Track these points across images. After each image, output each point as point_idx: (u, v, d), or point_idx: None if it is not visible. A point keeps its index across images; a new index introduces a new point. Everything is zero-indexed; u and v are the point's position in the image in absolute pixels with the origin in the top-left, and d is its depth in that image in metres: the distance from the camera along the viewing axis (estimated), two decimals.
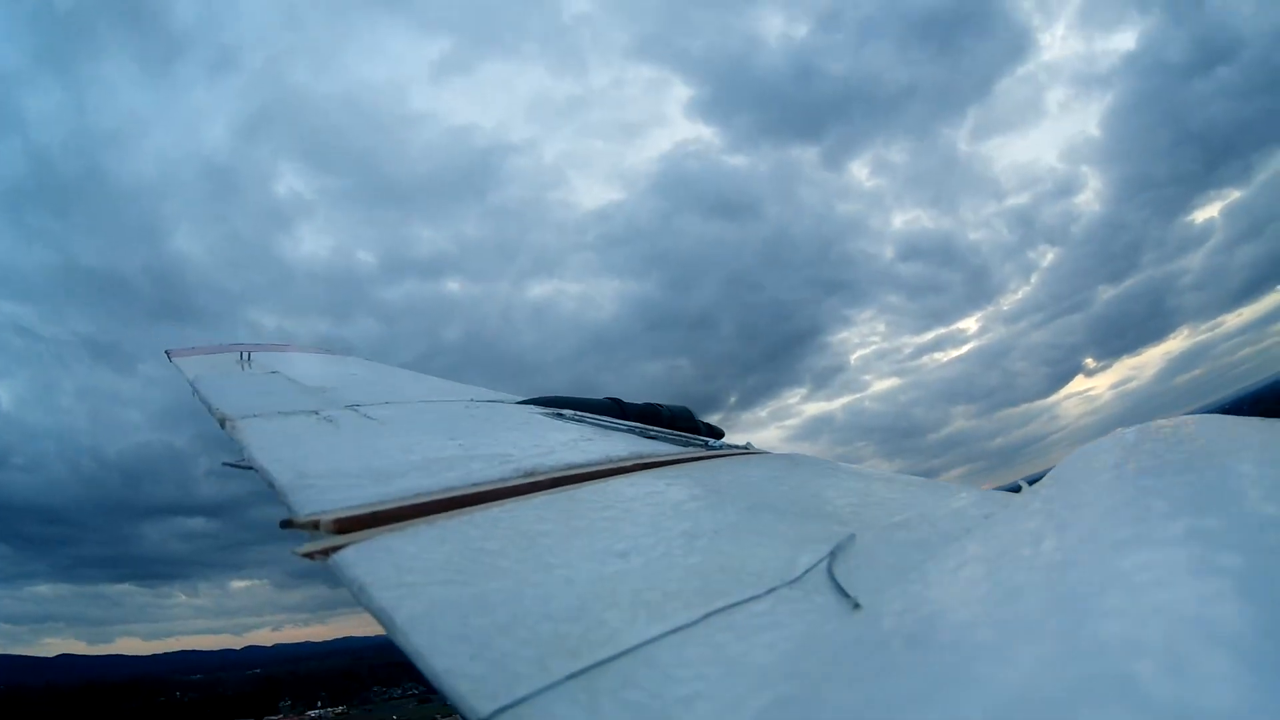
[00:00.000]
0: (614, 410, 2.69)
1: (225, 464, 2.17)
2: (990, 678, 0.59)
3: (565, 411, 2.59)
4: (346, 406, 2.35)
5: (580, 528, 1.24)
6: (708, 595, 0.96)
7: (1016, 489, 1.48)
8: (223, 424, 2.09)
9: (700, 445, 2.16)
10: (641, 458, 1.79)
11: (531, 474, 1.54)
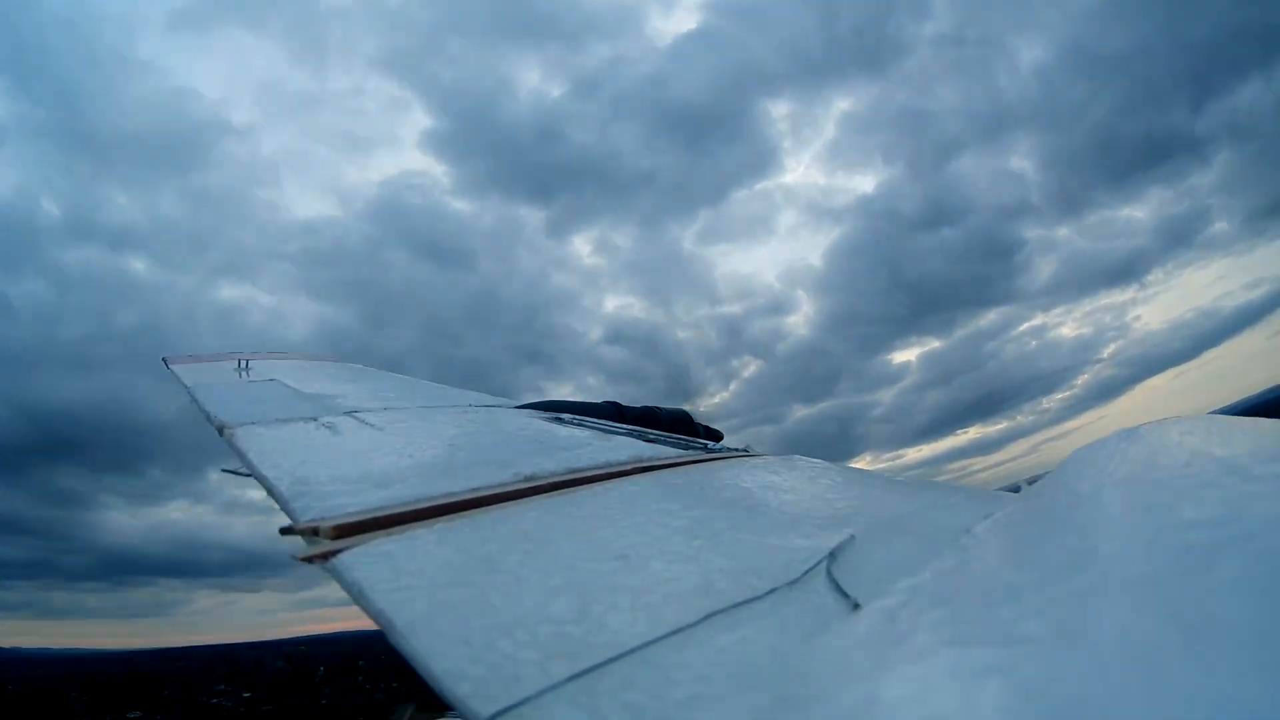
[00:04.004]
0: (613, 414, 2.69)
1: (224, 471, 2.17)
2: (989, 679, 0.59)
3: (564, 416, 2.59)
4: (345, 413, 2.35)
5: (580, 531, 1.23)
6: (707, 597, 0.96)
7: (1016, 489, 1.48)
8: (221, 432, 2.08)
9: (699, 448, 2.16)
10: (641, 461, 1.79)
11: (531, 478, 1.54)
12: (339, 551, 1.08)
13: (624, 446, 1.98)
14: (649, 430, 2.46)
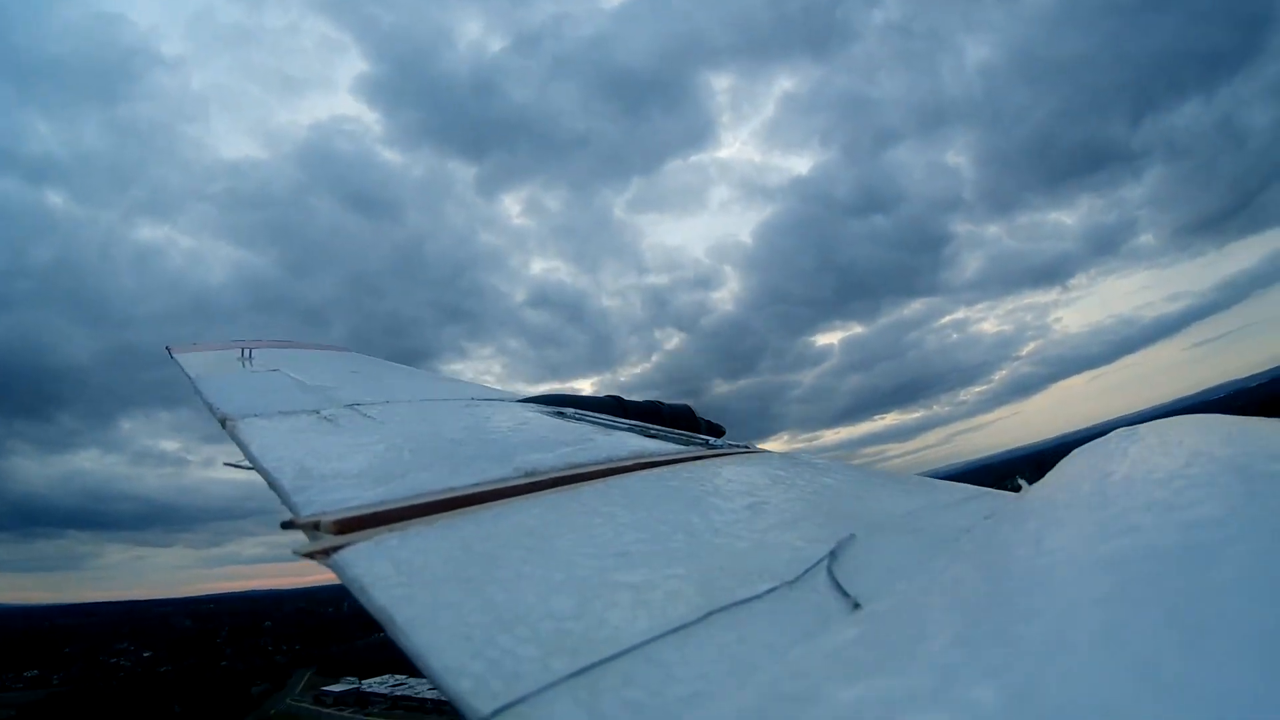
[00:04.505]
0: (615, 409, 2.69)
1: (226, 464, 2.17)
2: (990, 678, 0.60)
3: (566, 410, 2.59)
4: (347, 405, 2.35)
5: (581, 527, 1.24)
6: (708, 594, 0.96)
7: (1017, 489, 1.48)
8: (223, 424, 2.09)
9: (701, 444, 2.16)
10: (643, 457, 1.79)
11: (533, 473, 1.54)
12: (341, 547, 1.08)
13: (626, 442, 1.98)
14: (651, 425, 2.46)
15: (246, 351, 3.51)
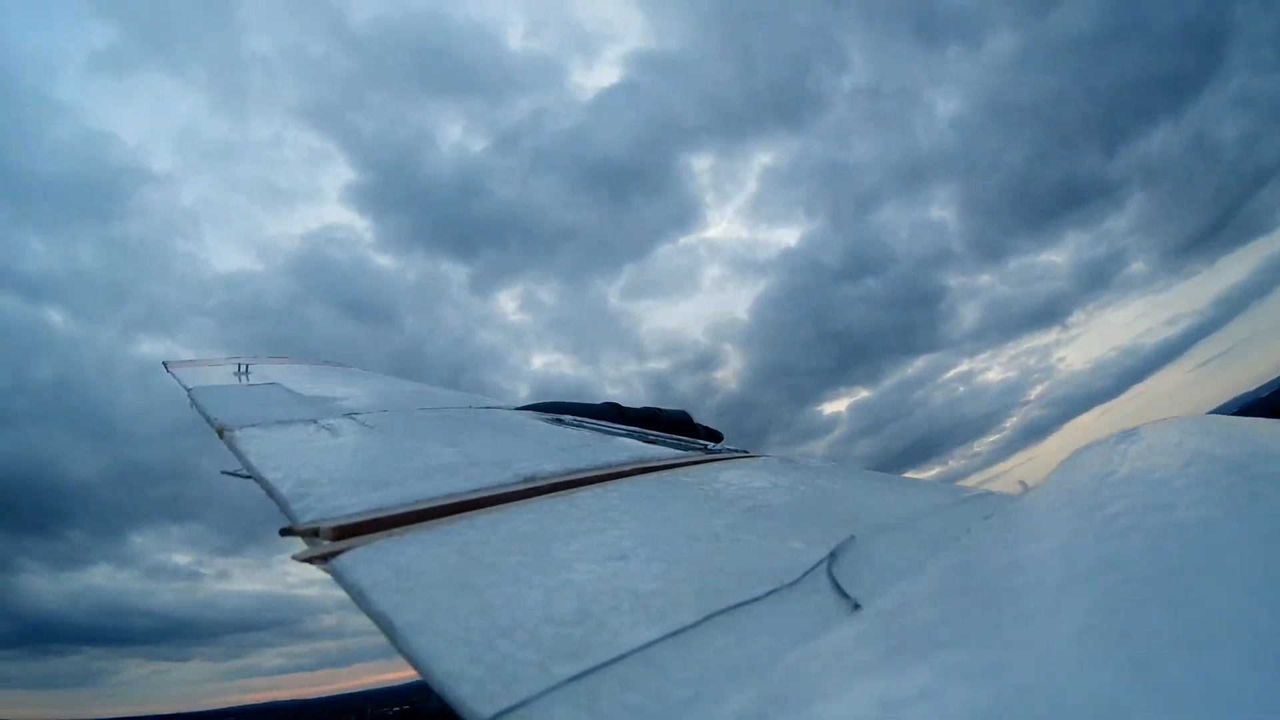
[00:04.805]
0: (613, 415, 2.69)
1: (224, 473, 2.17)
2: (990, 679, 0.59)
3: (564, 417, 2.59)
4: (344, 415, 2.35)
5: (580, 531, 1.23)
6: (708, 597, 0.96)
7: (1016, 489, 1.48)
8: (221, 434, 2.09)
9: (699, 449, 2.16)
10: (641, 462, 1.79)
11: (531, 479, 1.54)
12: (339, 553, 1.08)
13: (624, 447, 1.98)
14: (649, 431, 2.45)
15: (243, 366, 3.51)
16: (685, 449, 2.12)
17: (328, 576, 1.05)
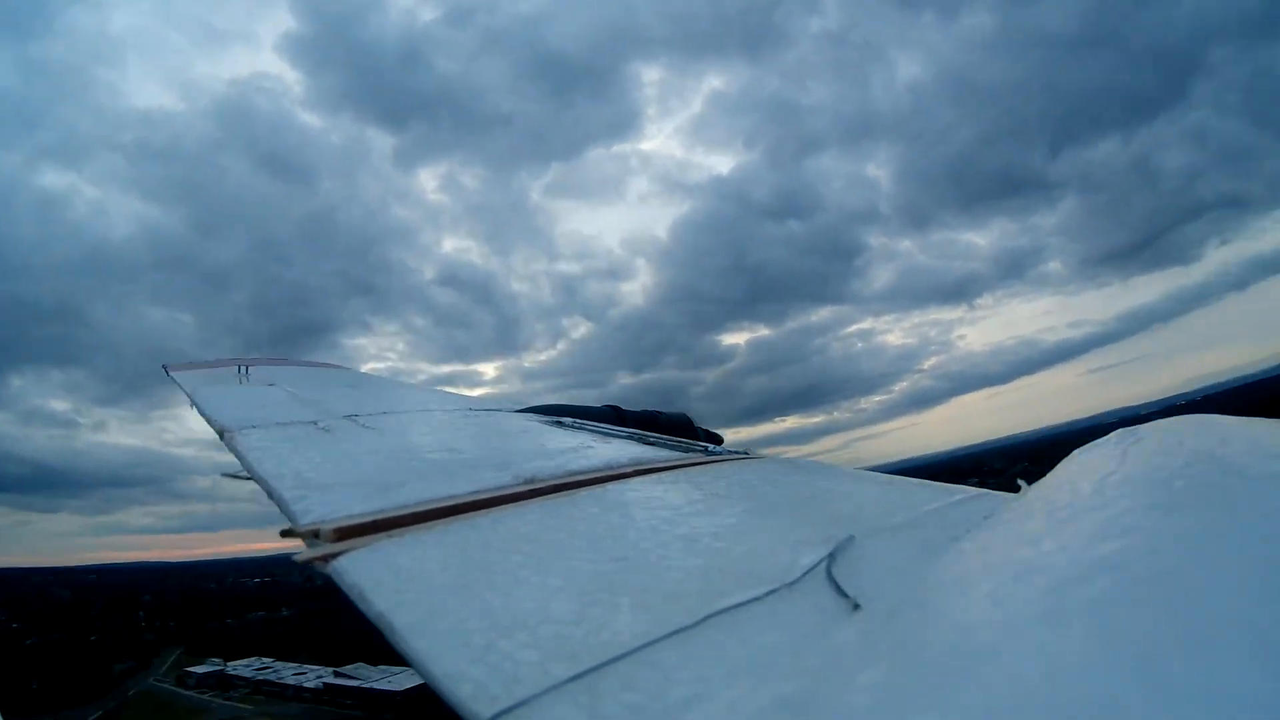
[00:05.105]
0: (613, 417, 2.69)
1: (224, 475, 2.17)
2: (990, 679, 0.59)
3: (565, 419, 2.59)
4: (344, 417, 2.35)
5: (580, 532, 1.24)
6: (708, 597, 0.96)
7: (1016, 489, 1.48)
8: (222, 436, 2.09)
9: (700, 451, 2.16)
10: (641, 464, 1.79)
11: (532, 481, 1.54)
12: (340, 554, 1.08)
13: (624, 449, 1.98)
14: (649, 433, 2.46)
15: (243, 369, 3.52)
16: (685, 451, 2.13)
17: (208, 439, 1.04)
